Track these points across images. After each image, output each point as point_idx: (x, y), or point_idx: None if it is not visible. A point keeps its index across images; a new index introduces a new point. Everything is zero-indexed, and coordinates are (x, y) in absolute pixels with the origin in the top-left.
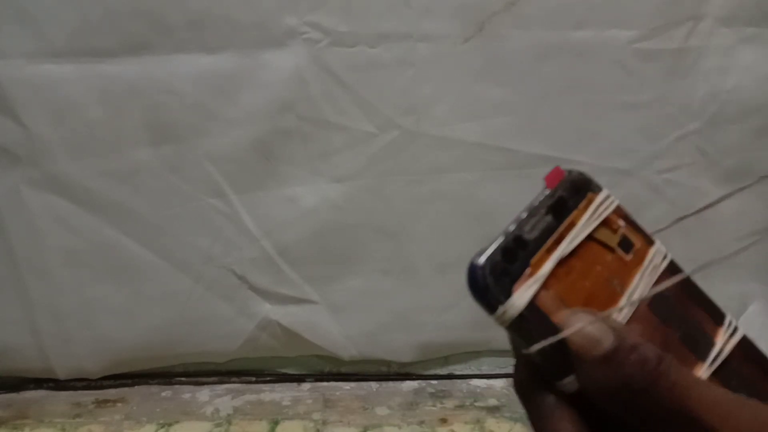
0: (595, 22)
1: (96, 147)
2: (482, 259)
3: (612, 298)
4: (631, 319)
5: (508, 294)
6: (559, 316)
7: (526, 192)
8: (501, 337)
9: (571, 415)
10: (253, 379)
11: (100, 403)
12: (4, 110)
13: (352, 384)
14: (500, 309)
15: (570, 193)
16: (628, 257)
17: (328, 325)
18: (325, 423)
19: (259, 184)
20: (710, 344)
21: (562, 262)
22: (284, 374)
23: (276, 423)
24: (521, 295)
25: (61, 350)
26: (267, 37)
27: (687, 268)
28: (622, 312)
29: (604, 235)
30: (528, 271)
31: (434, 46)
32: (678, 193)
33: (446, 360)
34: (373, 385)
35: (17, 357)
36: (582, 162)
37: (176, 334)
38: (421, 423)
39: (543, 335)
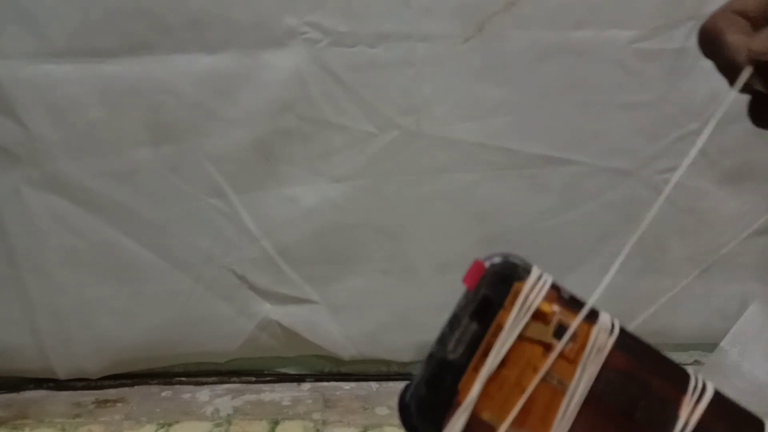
0: (595, 22)
1: (96, 147)
2: (408, 396)
3: (554, 400)
4: (580, 416)
5: (438, 430)
6: None
7: (526, 192)
8: None
9: None
10: (253, 379)
11: (100, 403)
12: (4, 110)
13: (352, 384)
14: None
15: (494, 288)
16: (567, 347)
17: (328, 325)
18: (325, 423)
19: (259, 184)
20: (674, 417)
21: (493, 376)
22: (284, 374)
23: (276, 423)
24: (451, 430)
25: (61, 350)
26: (267, 37)
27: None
28: (566, 412)
29: (537, 331)
30: (456, 398)
31: (434, 46)
32: (678, 193)
33: None
34: (373, 385)
35: (17, 357)
36: (582, 162)
37: (176, 334)
38: None
39: None
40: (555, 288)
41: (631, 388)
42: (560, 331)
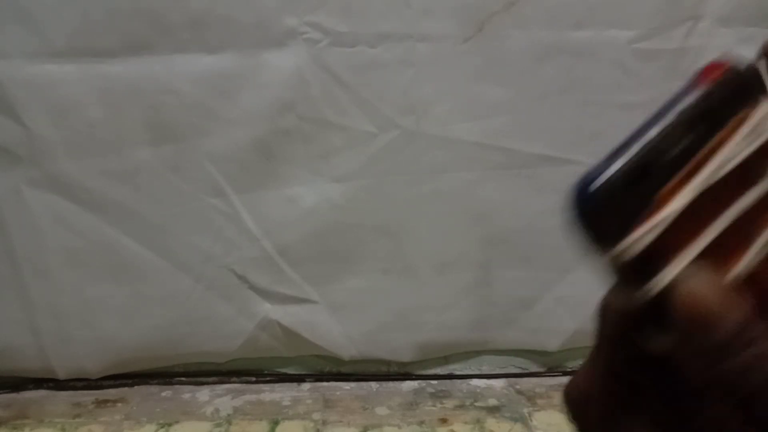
0: (595, 22)
1: (96, 147)
2: (598, 184)
3: (743, 244)
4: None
5: (624, 234)
6: (678, 269)
7: (526, 192)
8: (501, 337)
9: None
10: (253, 379)
11: (100, 403)
12: (4, 110)
13: (352, 384)
14: (613, 250)
15: (729, 96)
16: None
17: (328, 325)
18: (325, 423)
19: (259, 184)
20: None
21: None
22: (284, 374)
23: (276, 423)
24: (641, 238)
25: (61, 350)
26: (267, 37)
27: None
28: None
29: (757, 161)
30: (652, 206)
31: (434, 46)
32: None
33: (446, 360)
34: (373, 385)
35: (17, 357)
36: (582, 162)
37: (176, 334)
38: (421, 423)
39: (653, 286)
40: None
41: None
42: None
